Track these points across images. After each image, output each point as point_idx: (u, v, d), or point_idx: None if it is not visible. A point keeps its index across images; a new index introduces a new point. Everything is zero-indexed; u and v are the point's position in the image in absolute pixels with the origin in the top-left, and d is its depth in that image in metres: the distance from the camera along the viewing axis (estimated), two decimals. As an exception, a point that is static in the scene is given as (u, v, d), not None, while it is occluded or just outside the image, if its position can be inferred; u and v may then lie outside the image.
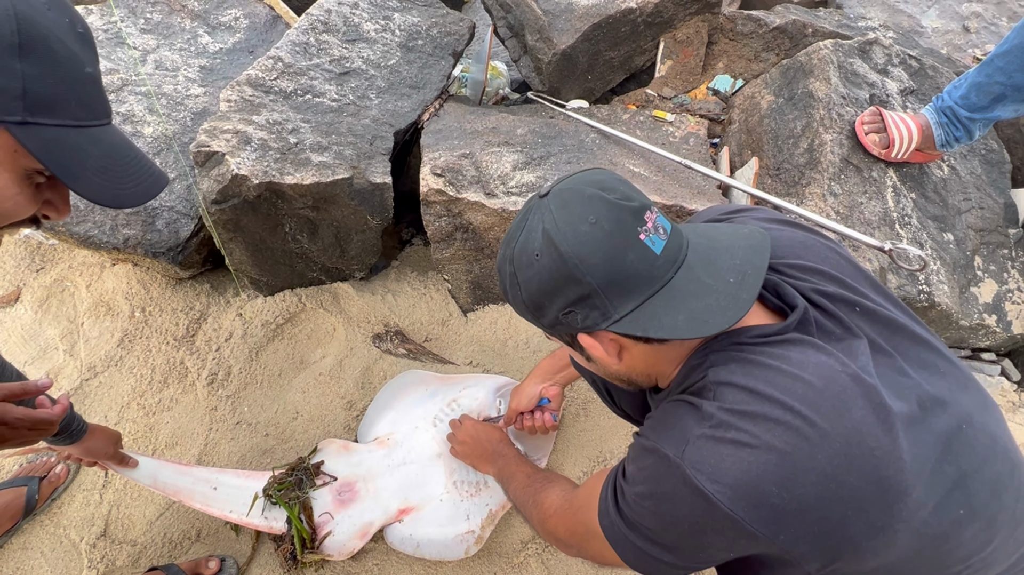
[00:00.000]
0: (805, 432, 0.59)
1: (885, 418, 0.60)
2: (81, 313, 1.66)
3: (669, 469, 0.63)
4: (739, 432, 0.60)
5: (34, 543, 1.31)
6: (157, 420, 1.48)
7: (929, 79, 1.70)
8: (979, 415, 0.68)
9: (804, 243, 0.77)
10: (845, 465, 0.59)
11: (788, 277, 0.72)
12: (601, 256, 0.63)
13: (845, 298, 0.70)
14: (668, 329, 0.63)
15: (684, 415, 0.65)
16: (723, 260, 0.67)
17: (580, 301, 0.65)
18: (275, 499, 1.26)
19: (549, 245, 0.64)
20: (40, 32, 0.55)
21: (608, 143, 1.64)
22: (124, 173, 0.64)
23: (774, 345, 0.65)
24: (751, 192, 1.45)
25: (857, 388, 0.61)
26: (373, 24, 1.75)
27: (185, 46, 1.80)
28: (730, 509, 0.59)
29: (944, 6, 2.20)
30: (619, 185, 0.67)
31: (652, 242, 0.64)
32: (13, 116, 0.55)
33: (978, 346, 1.59)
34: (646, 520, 0.67)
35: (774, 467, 0.59)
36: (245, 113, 1.45)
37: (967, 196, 1.60)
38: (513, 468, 1.14)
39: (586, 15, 1.74)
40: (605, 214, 0.64)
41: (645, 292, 0.64)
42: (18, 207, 0.61)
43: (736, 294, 0.64)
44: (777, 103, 1.66)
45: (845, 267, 0.75)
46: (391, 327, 1.64)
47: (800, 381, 0.61)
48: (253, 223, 1.45)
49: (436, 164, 1.46)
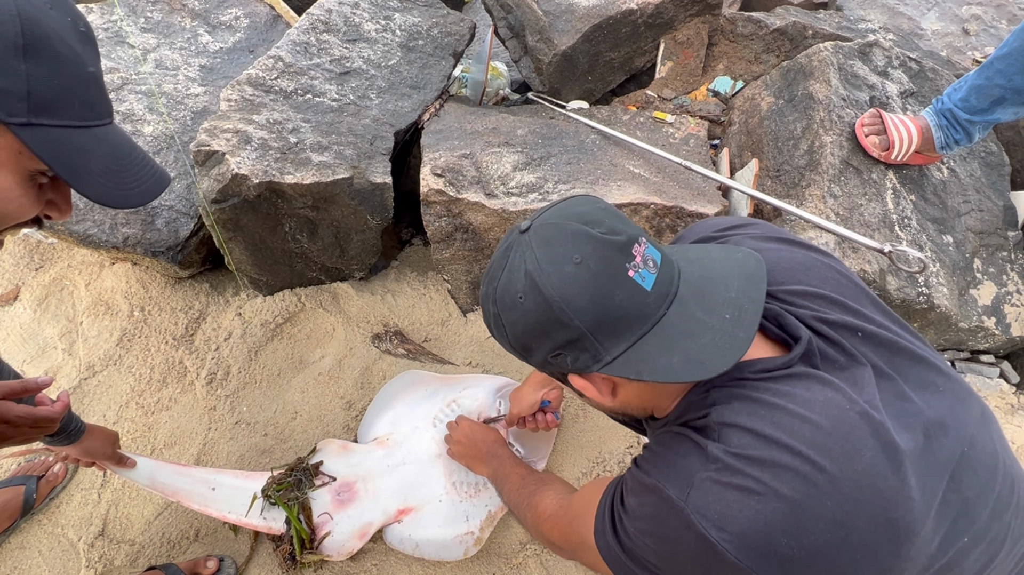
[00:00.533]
0: (814, 478, 0.57)
1: (894, 457, 0.59)
2: (80, 312, 1.66)
3: (672, 512, 0.61)
4: (746, 478, 0.58)
5: (32, 542, 1.30)
6: (156, 419, 1.48)
7: (929, 81, 1.70)
8: (979, 433, 0.67)
9: (804, 264, 0.75)
10: (855, 510, 0.57)
11: (790, 305, 0.70)
12: (588, 298, 0.60)
13: (847, 324, 0.68)
14: (663, 372, 0.61)
15: (688, 454, 0.63)
16: (718, 292, 0.64)
17: (569, 344, 0.63)
18: (274, 499, 1.26)
19: (533, 288, 0.62)
20: (44, 32, 0.55)
21: (608, 144, 1.64)
22: (127, 173, 0.64)
23: (779, 381, 0.63)
24: (751, 194, 1.45)
25: (866, 427, 0.59)
26: (374, 24, 1.75)
27: (185, 45, 1.80)
28: (736, 558, 0.57)
29: (944, 9, 2.21)
30: (604, 217, 0.64)
31: (642, 278, 0.61)
32: (17, 118, 0.55)
33: (977, 348, 1.59)
34: (647, 554, 0.65)
35: (783, 516, 0.57)
36: (245, 112, 1.45)
37: (967, 198, 1.60)
38: (507, 470, 1.13)
39: (587, 16, 1.74)
40: (590, 252, 0.60)
41: (637, 332, 0.61)
42: (22, 209, 0.61)
43: (733, 332, 0.61)
44: (777, 105, 1.66)
45: (845, 287, 0.73)
46: (390, 327, 1.63)
47: (808, 422, 0.59)
48: (253, 222, 1.45)
49: (436, 164, 1.46)
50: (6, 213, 0.60)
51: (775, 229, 0.83)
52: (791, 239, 0.80)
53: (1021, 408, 1.54)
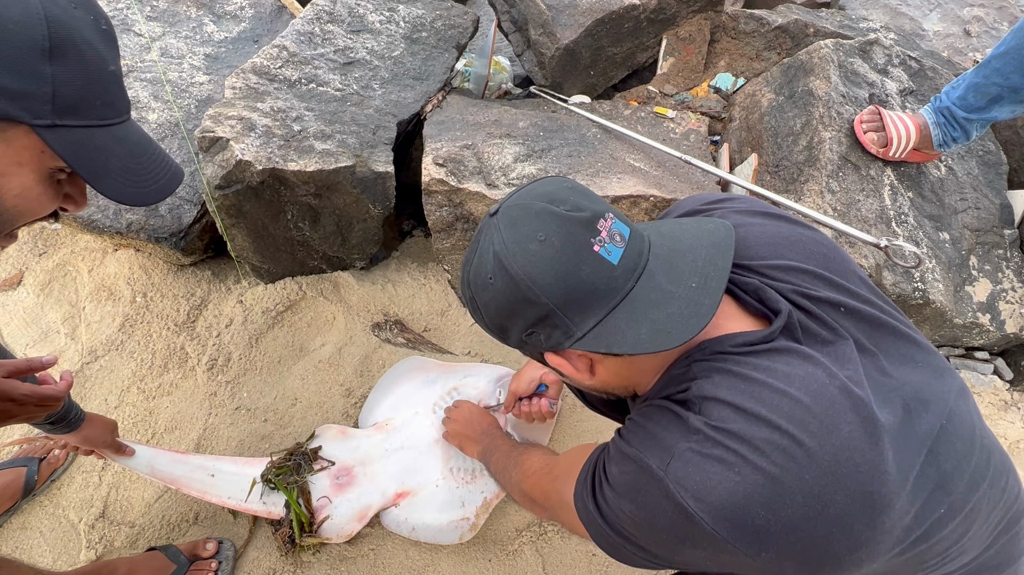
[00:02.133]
0: (793, 452, 0.58)
1: (872, 432, 0.59)
2: (83, 297, 1.67)
3: (652, 481, 0.61)
4: (726, 450, 0.59)
5: (33, 523, 1.32)
6: (157, 404, 1.49)
7: (928, 80, 1.72)
8: (957, 406, 0.68)
9: (788, 239, 0.75)
10: (832, 484, 0.58)
11: (771, 279, 0.70)
12: (553, 275, 0.60)
13: (830, 299, 0.68)
14: (631, 344, 0.61)
15: (669, 425, 0.63)
16: (685, 263, 0.64)
17: (539, 322, 0.63)
18: (274, 483, 1.27)
19: (500, 267, 0.62)
20: (69, 35, 0.56)
21: (609, 138, 1.65)
22: (145, 171, 0.65)
23: (760, 355, 0.63)
24: (750, 188, 1.46)
25: (846, 401, 0.60)
26: (378, 15, 1.76)
27: (191, 34, 1.81)
28: (713, 529, 0.58)
29: (946, 10, 2.22)
30: (569, 195, 0.64)
31: (608, 252, 0.61)
32: (43, 120, 0.56)
33: (971, 345, 1.60)
34: (624, 523, 0.66)
35: (761, 488, 0.57)
36: (250, 100, 1.46)
37: (964, 196, 1.61)
38: (498, 442, 1.15)
39: (590, 10, 1.75)
40: (554, 229, 0.61)
41: (606, 306, 0.62)
42: (42, 205, 0.62)
43: (699, 300, 0.61)
44: (777, 101, 1.67)
45: (831, 260, 0.73)
46: (391, 316, 1.65)
47: (787, 397, 0.59)
48: (256, 209, 1.46)
49: (438, 154, 1.47)
50: (27, 210, 0.62)
51: (761, 203, 0.82)
52: (776, 214, 0.80)
53: (1014, 405, 1.56)
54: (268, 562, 1.26)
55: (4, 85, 0.53)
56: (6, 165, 0.57)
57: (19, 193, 0.59)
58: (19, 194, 0.59)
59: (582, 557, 1.30)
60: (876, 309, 0.70)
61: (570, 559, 1.29)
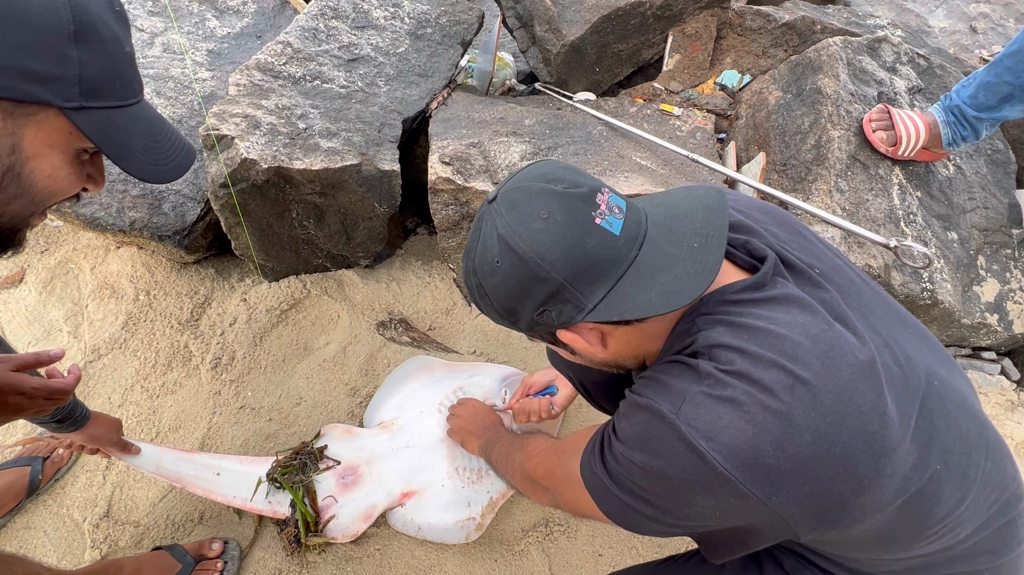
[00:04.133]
0: (799, 391, 0.59)
1: (871, 375, 0.61)
2: (85, 295, 1.66)
3: (664, 425, 0.62)
4: (735, 390, 0.60)
5: (37, 522, 1.31)
6: (161, 403, 1.48)
7: (937, 78, 1.70)
8: (946, 373, 0.70)
9: (762, 209, 0.78)
10: (837, 423, 0.59)
11: (753, 233, 0.73)
12: (561, 250, 0.62)
13: (804, 260, 0.71)
14: (643, 308, 0.62)
15: (680, 373, 0.65)
16: (683, 226, 0.66)
17: (551, 298, 0.64)
18: (279, 482, 1.27)
19: (507, 249, 0.63)
20: (90, 18, 0.57)
21: (615, 135, 1.64)
22: (162, 148, 0.66)
23: (759, 304, 0.65)
24: (757, 187, 1.45)
25: (844, 346, 0.62)
26: (382, 11, 1.75)
27: (193, 29, 1.80)
28: (724, 468, 0.59)
29: (952, 6, 2.20)
30: (565, 173, 0.66)
31: (609, 223, 0.63)
32: (71, 102, 0.57)
33: (979, 345, 1.60)
34: (634, 476, 0.66)
35: (771, 427, 0.58)
36: (254, 97, 1.45)
37: (972, 195, 1.60)
38: (500, 433, 1.15)
39: (596, 7, 1.74)
40: (556, 206, 0.62)
41: (613, 275, 0.63)
42: (71, 185, 0.64)
43: (703, 259, 0.63)
44: (785, 99, 1.66)
45: (802, 229, 0.77)
46: (395, 315, 1.64)
47: (789, 341, 0.61)
48: (260, 208, 1.45)
49: (444, 153, 1.46)
50: (57, 190, 0.63)
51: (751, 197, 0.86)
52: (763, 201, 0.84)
53: (1021, 405, 1.55)
54: (274, 562, 1.25)
55: (35, 70, 0.55)
56: (38, 147, 0.59)
57: (50, 174, 0.61)
58: (50, 175, 0.61)
59: (588, 557, 1.30)
60: (851, 276, 0.72)
61: (576, 559, 1.29)
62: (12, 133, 0.57)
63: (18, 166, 0.58)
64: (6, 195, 0.59)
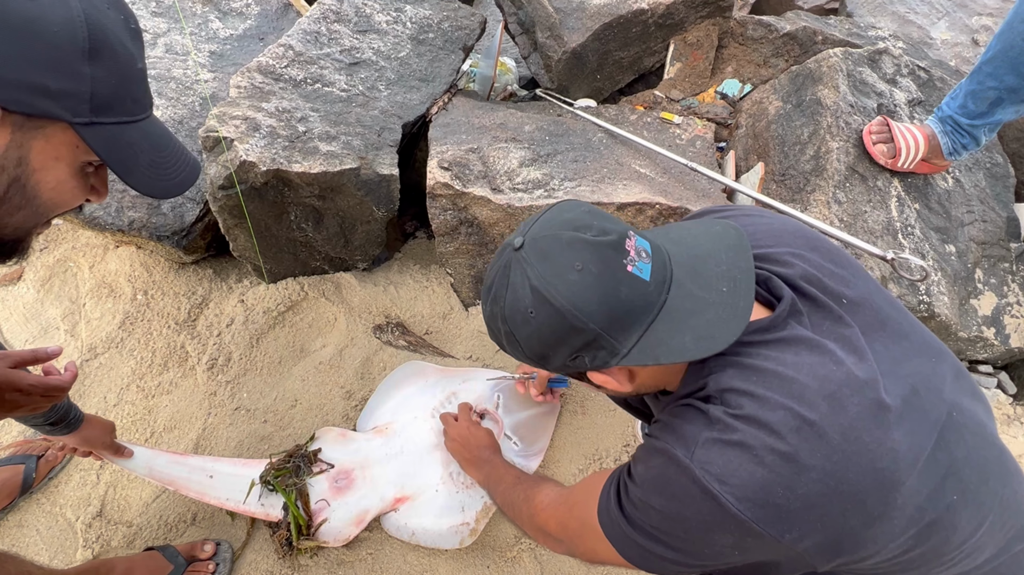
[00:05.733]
0: (805, 432, 0.61)
1: (879, 412, 0.62)
2: (83, 294, 1.66)
3: (679, 469, 0.64)
4: (744, 435, 0.62)
5: (30, 521, 1.31)
6: (156, 403, 1.48)
7: (937, 91, 1.71)
8: (968, 403, 0.70)
9: (793, 231, 0.78)
10: (843, 461, 0.61)
11: (778, 264, 0.73)
12: (597, 301, 0.63)
13: (834, 289, 0.71)
14: (678, 352, 0.64)
15: (693, 419, 0.67)
16: (709, 269, 0.68)
17: (586, 346, 0.66)
18: (272, 485, 1.27)
19: (542, 302, 0.64)
20: (105, 35, 0.58)
21: (615, 143, 1.64)
22: (167, 164, 0.67)
23: (769, 346, 0.66)
24: (756, 197, 1.45)
25: (852, 384, 0.63)
26: (385, 15, 1.75)
27: (196, 31, 1.80)
28: (738, 509, 0.61)
29: (954, 18, 2.21)
30: (592, 219, 0.67)
31: (639, 270, 0.64)
32: (81, 117, 0.58)
33: (975, 358, 1.60)
34: (652, 519, 0.68)
35: (779, 468, 0.61)
36: (255, 100, 1.45)
37: (970, 209, 1.61)
38: (501, 473, 1.15)
39: (598, 14, 1.74)
40: (589, 256, 0.64)
41: (645, 320, 0.65)
42: (74, 197, 0.65)
43: (734, 303, 0.65)
44: (785, 109, 1.66)
45: (834, 254, 0.76)
46: (392, 319, 1.64)
47: (796, 382, 0.63)
48: (259, 210, 1.45)
49: (443, 158, 1.46)
50: (61, 201, 0.64)
51: (765, 211, 0.86)
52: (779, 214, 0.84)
53: (1017, 419, 1.55)
54: (265, 564, 1.25)
55: (47, 85, 0.56)
56: (44, 160, 0.60)
57: (54, 186, 0.62)
58: (54, 187, 0.62)
59: (580, 566, 1.29)
60: (881, 304, 0.72)
61: (569, 568, 1.29)
62: (20, 145, 0.57)
63: (24, 178, 0.59)
64: (10, 206, 0.60)
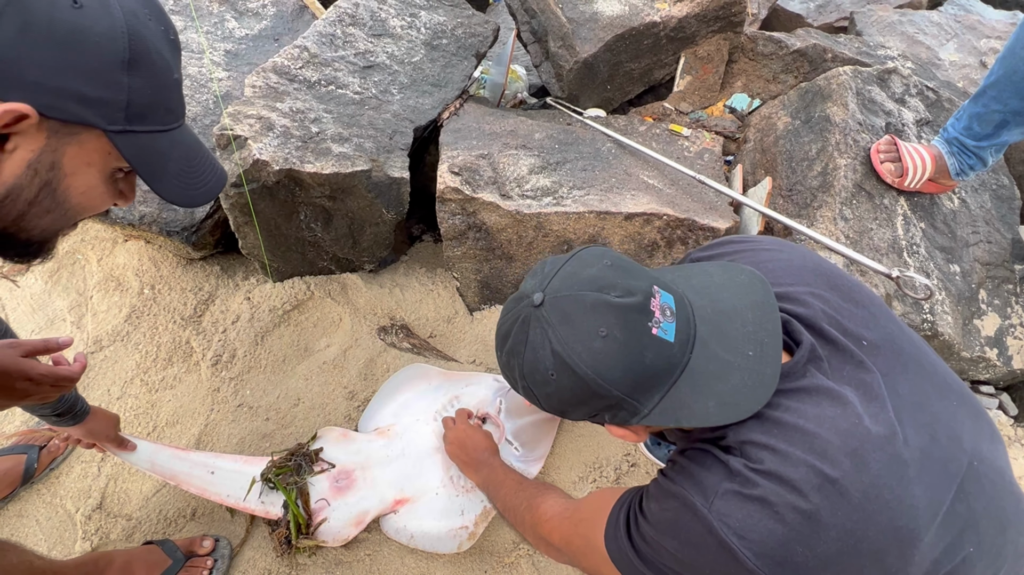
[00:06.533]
0: (827, 491, 0.60)
1: (899, 468, 0.62)
2: (91, 286, 1.67)
3: (696, 517, 0.64)
4: (765, 491, 0.61)
5: (30, 511, 1.31)
6: (159, 397, 1.49)
7: (945, 111, 1.72)
8: (988, 449, 0.70)
9: (815, 269, 0.76)
10: (864, 519, 0.60)
11: (799, 304, 0.72)
12: (621, 369, 0.62)
13: (855, 332, 0.70)
14: (700, 417, 0.63)
15: (712, 467, 0.66)
16: (734, 328, 0.66)
17: (607, 408, 0.66)
18: (273, 483, 1.27)
19: (564, 366, 0.63)
20: (145, 47, 0.59)
21: (624, 153, 1.65)
22: (196, 174, 0.69)
23: (789, 396, 0.65)
24: (763, 211, 1.46)
25: (874, 439, 0.62)
26: (399, 20, 1.77)
27: (212, 29, 1.82)
28: (755, 565, 0.60)
29: (963, 40, 2.22)
30: (616, 276, 0.64)
31: (664, 331, 0.63)
32: (116, 125, 0.60)
33: (977, 379, 1.60)
34: (664, 558, 0.67)
35: (799, 527, 0.60)
36: (269, 100, 1.47)
37: (976, 229, 1.61)
38: (501, 476, 1.15)
39: (610, 25, 1.76)
40: (613, 322, 0.61)
41: (668, 382, 0.64)
42: (102, 202, 0.67)
43: (760, 370, 0.64)
44: (793, 125, 1.68)
45: (855, 292, 0.74)
46: (397, 321, 1.65)
47: (819, 438, 0.62)
48: (269, 208, 1.46)
49: (454, 163, 1.48)
50: (89, 206, 0.66)
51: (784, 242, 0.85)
52: (799, 247, 0.82)
53: (1018, 441, 1.55)
54: (263, 562, 1.25)
55: (85, 93, 0.57)
56: (77, 165, 0.61)
57: (84, 191, 0.63)
58: (84, 192, 0.63)
59: (578, 573, 1.29)
60: (901, 344, 0.71)
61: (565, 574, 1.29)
62: (54, 150, 0.59)
63: (55, 182, 0.60)
64: (40, 208, 0.61)
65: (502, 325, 0.70)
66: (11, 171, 0.57)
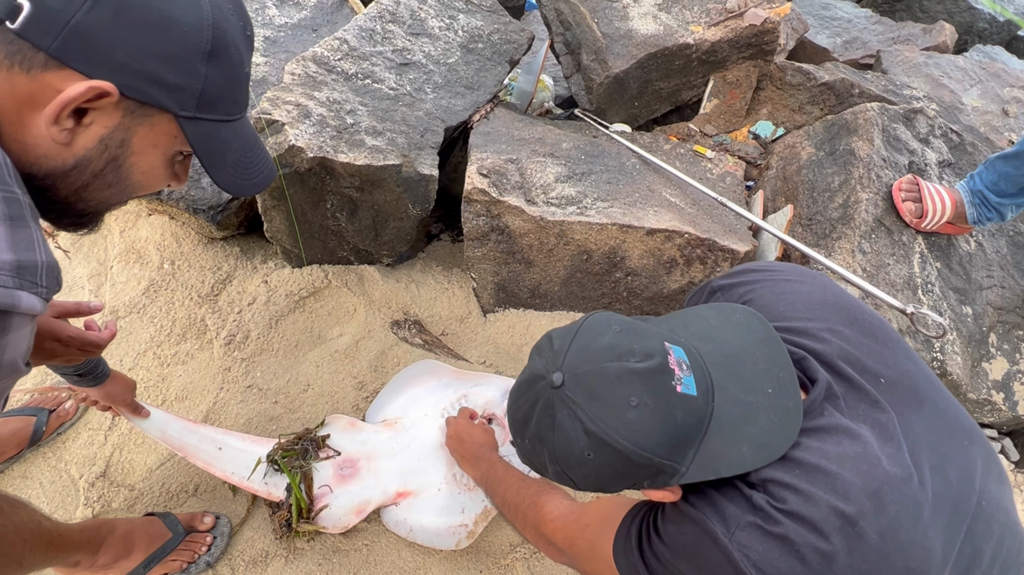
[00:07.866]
0: (846, 532, 0.61)
1: (915, 510, 0.63)
2: (112, 257, 1.69)
3: (716, 546, 0.64)
4: (787, 530, 0.62)
5: (34, 473, 1.32)
6: (171, 372, 1.50)
7: (968, 155, 1.74)
8: (995, 490, 0.70)
9: (834, 304, 0.76)
10: (880, 561, 0.61)
11: (816, 340, 0.72)
12: (658, 434, 0.62)
13: (872, 368, 0.70)
14: (738, 464, 0.64)
15: (735, 498, 0.66)
16: (747, 368, 0.66)
17: (648, 477, 0.66)
18: (279, 465, 1.28)
19: (601, 445, 0.62)
20: (225, 40, 0.62)
21: (647, 170, 1.67)
22: (250, 165, 0.71)
23: (809, 435, 0.65)
24: (782, 237, 1.47)
25: (892, 481, 0.63)
26: (438, 21, 1.80)
27: (253, 15, 1.85)
28: None
29: (986, 87, 2.25)
30: (631, 342, 0.64)
31: (687, 386, 0.63)
32: (187, 111, 0.62)
33: (981, 422, 1.61)
34: None
35: (818, 567, 0.61)
36: (307, 88, 1.49)
37: (990, 273, 1.63)
38: (501, 473, 1.15)
39: (644, 44, 1.79)
40: (641, 388, 0.61)
41: (699, 435, 0.64)
42: (160, 182, 0.69)
43: (783, 406, 0.65)
44: (817, 156, 1.70)
45: (875, 328, 0.74)
46: (410, 316, 1.66)
47: (841, 479, 0.62)
48: (298, 194, 1.48)
49: (483, 164, 1.50)
50: (148, 185, 0.68)
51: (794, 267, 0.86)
52: (814, 275, 0.82)
53: (1018, 487, 1.56)
54: (262, 543, 1.26)
55: (165, 78, 0.59)
56: (144, 145, 0.63)
57: (146, 171, 0.66)
58: (146, 171, 0.66)
59: None
60: (916, 382, 0.71)
61: (561, 581, 1.29)
62: (127, 129, 0.61)
63: (121, 159, 0.63)
64: (102, 182, 0.63)
65: (517, 410, 0.69)
66: (83, 144, 0.59)
